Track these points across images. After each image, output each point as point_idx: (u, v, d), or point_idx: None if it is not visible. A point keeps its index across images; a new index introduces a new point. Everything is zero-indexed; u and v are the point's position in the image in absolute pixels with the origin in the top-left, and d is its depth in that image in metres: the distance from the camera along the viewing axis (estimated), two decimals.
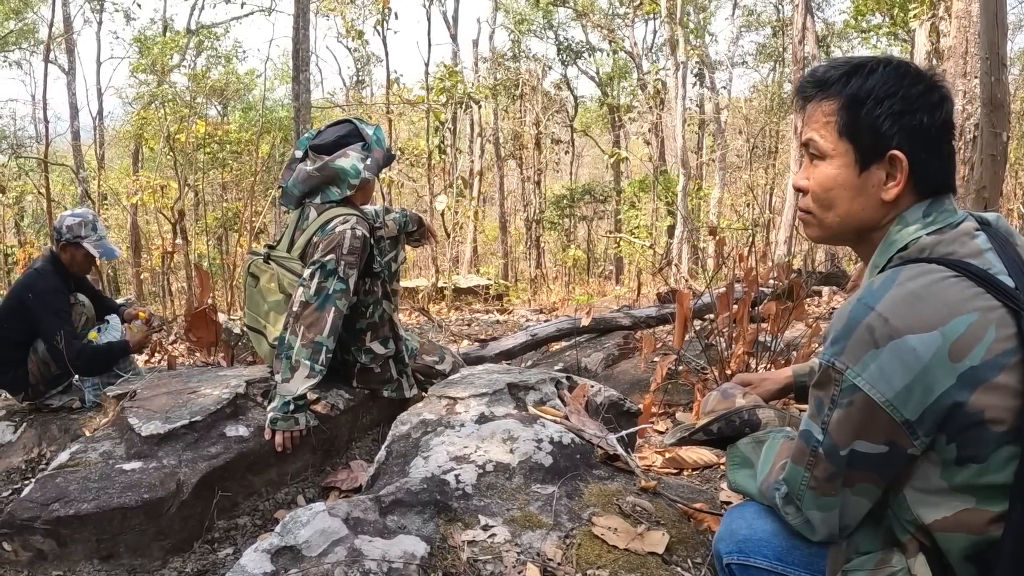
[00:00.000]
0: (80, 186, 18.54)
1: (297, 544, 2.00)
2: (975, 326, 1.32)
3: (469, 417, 2.79)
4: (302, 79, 10.77)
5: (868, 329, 1.35)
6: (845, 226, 1.55)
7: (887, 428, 1.37)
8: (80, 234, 4.27)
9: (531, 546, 2.16)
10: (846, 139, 1.49)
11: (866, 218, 1.52)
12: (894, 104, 1.44)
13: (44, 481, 2.77)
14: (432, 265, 18.45)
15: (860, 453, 1.41)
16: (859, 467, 1.43)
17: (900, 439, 1.37)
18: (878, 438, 1.39)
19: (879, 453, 1.40)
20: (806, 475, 1.49)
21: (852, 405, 1.39)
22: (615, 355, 6.07)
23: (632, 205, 25.61)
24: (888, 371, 1.33)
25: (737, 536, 1.70)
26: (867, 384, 1.36)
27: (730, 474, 1.79)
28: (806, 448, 1.49)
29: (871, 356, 1.35)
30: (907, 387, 1.33)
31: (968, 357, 1.31)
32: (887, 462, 1.41)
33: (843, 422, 1.41)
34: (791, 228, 16.12)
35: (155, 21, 27.35)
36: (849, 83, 1.48)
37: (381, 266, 3.51)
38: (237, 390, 3.27)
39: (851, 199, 1.51)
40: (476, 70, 26.39)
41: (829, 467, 1.45)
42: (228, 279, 13.12)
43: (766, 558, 1.64)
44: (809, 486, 1.50)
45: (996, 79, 5.44)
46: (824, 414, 1.44)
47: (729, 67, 31.57)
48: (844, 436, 1.42)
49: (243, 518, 2.96)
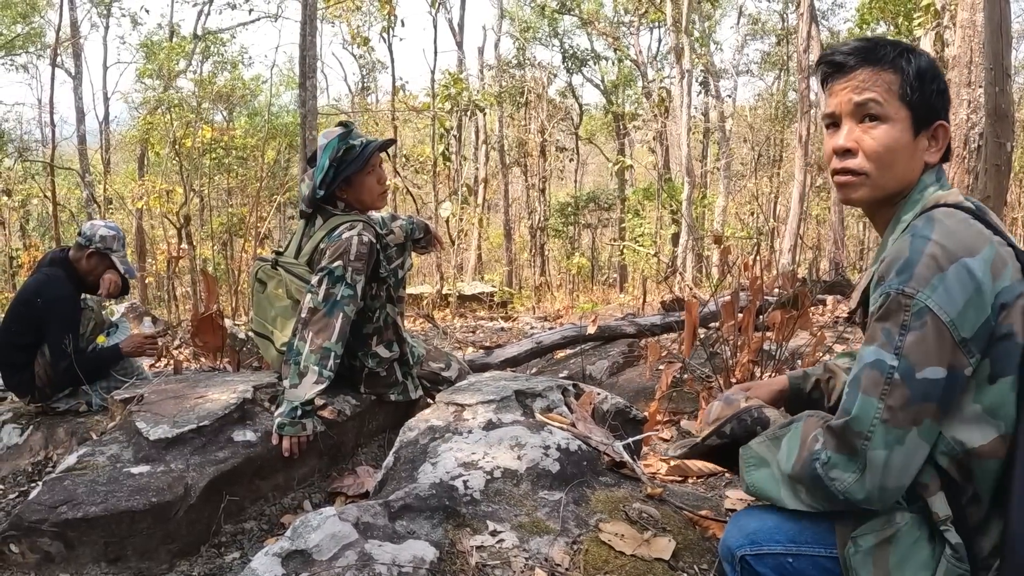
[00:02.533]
0: (86, 190, 18.58)
1: (308, 548, 2.01)
2: (1000, 254, 1.51)
3: (477, 424, 2.80)
4: (308, 85, 10.80)
5: (931, 256, 1.48)
6: (898, 185, 1.68)
7: (950, 349, 1.47)
8: (112, 247, 4.32)
9: (539, 551, 2.17)
10: (906, 106, 1.64)
11: (911, 179, 1.68)
12: (940, 84, 1.67)
13: (52, 484, 2.77)
14: (437, 272, 18.48)
15: (932, 380, 1.47)
16: (930, 398, 1.48)
17: (959, 360, 1.47)
18: (942, 361, 1.47)
19: (941, 379, 1.47)
20: (879, 406, 1.50)
21: (925, 327, 1.47)
22: (620, 363, 6.07)
23: (636, 213, 25.65)
24: (952, 292, 1.46)
25: (747, 529, 1.74)
26: (936, 305, 1.46)
27: (746, 477, 1.76)
28: (880, 376, 1.51)
29: (938, 279, 1.47)
30: (966, 305, 1.46)
31: (1001, 278, 1.49)
32: (948, 389, 1.48)
33: (919, 343, 1.48)
34: (796, 237, 16.12)
35: (162, 26, 27.53)
36: (908, 60, 1.66)
37: (387, 271, 3.52)
38: (245, 395, 3.27)
39: (907, 160, 1.67)
40: (481, 77, 26.48)
41: (905, 392, 1.48)
42: (233, 284, 13.15)
43: (779, 542, 1.68)
44: (882, 419, 1.49)
45: (1000, 89, 5.46)
46: (896, 340, 1.50)
47: (734, 75, 31.68)
48: (919, 357, 1.48)
49: (250, 523, 2.96)
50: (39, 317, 4.09)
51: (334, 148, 3.38)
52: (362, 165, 3.42)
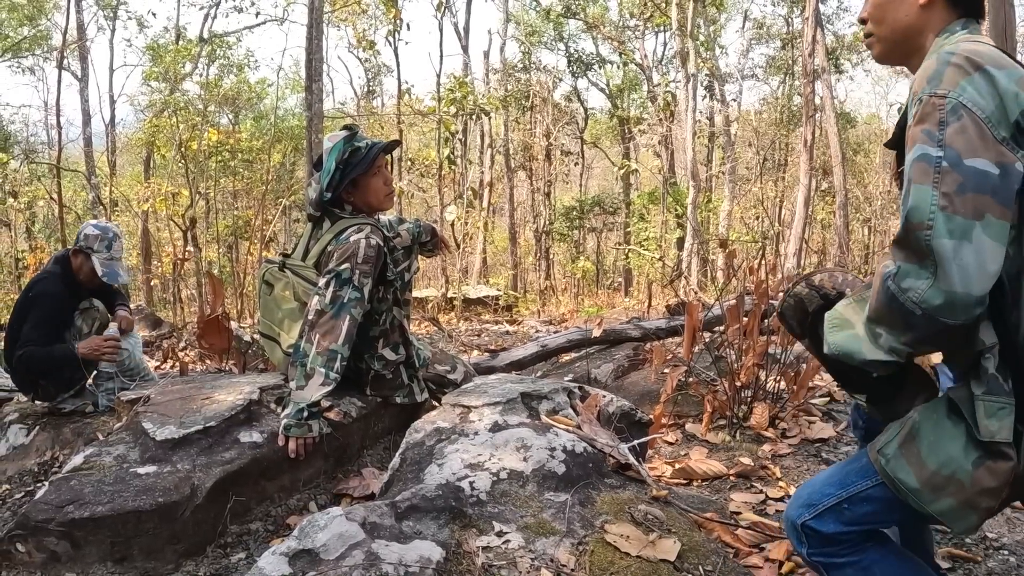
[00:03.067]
0: (91, 192, 18.62)
1: (315, 547, 2.02)
2: None
3: (483, 425, 2.81)
4: (314, 89, 10.82)
5: (957, 65, 1.55)
6: (896, 35, 1.81)
7: (993, 146, 1.49)
8: (92, 247, 4.26)
9: (544, 552, 2.18)
10: None
11: (911, 25, 1.77)
12: None
13: (58, 483, 2.78)
14: (442, 275, 18.49)
15: (979, 171, 1.48)
16: (982, 190, 1.48)
17: (1005, 155, 1.49)
18: (990, 155, 1.49)
19: (995, 174, 1.48)
20: (934, 194, 1.49)
21: (962, 119, 1.51)
22: (625, 366, 6.07)
23: (642, 217, 25.63)
24: (981, 92, 1.52)
25: (800, 498, 1.80)
26: (969, 101, 1.51)
27: (828, 338, 1.70)
28: (928, 167, 1.52)
29: (967, 81, 1.53)
30: (997, 107, 1.51)
31: None
32: (1003, 186, 1.49)
33: (958, 133, 1.50)
34: (800, 241, 16.12)
35: (168, 29, 27.56)
36: None
37: (394, 274, 3.53)
38: (251, 396, 3.28)
39: (896, 9, 1.78)
40: (487, 81, 26.44)
41: (957, 177, 1.48)
42: (238, 287, 13.16)
43: (830, 495, 1.74)
44: (940, 206, 1.48)
45: None
46: (936, 136, 1.52)
47: (739, 79, 31.65)
48: (962, 146, 1.50)
49: (256, 523, 2.97)
50: (26, 309, 4.12)
51: (340, 150, 3.39)
52: (368, 166, 3.43)
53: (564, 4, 27.09)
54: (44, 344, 4.08)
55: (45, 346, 4.08)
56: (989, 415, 1.51)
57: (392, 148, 3.65)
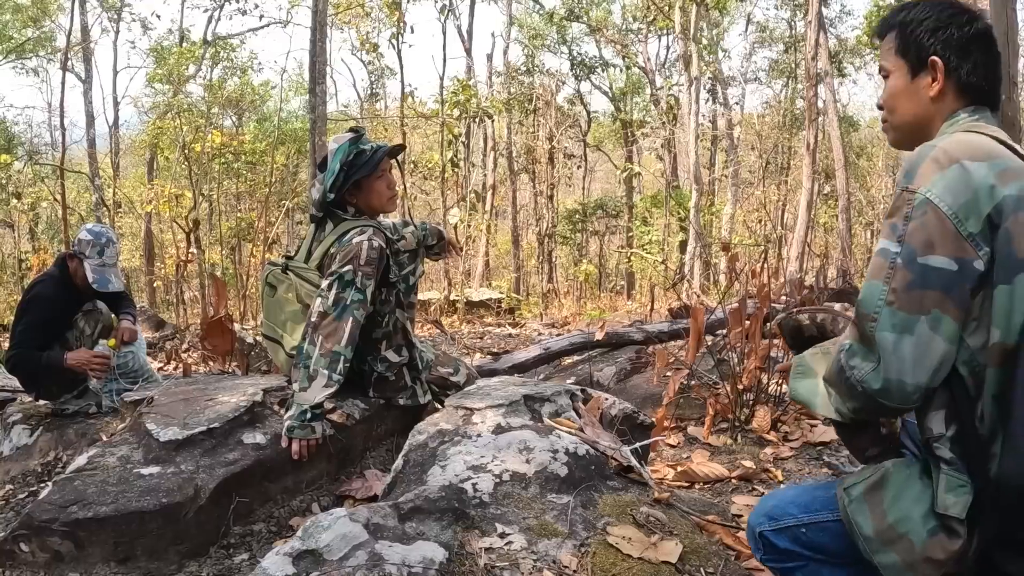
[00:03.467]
0: (95, 194, 18.65)
1: (318, 548, 2.02)
2: (1013, 167, 1.57)
3: (486, 428, 2.81)
4: (318, 91, 10.85)
5: (934, 159, 1.57)
6: (907, 124, 1.82)
7: (955, 241, 1.52)
8: (84, 251, 4.21)
9: (547, 554, 2.18)
10: (900, 56, 1.80)
11: (920, 115, 1.79)
12: (929, 23, 1.76)
13: (62, 484, 2.79)
14: (444, 278, 18.49)
15: (933, 268, 1.52)
16: (932, 285, 1.52)
17: (966, 252, 1.52)
18: (948, 251, 1.52)
19: (951, 270, 1.52)
20: (884, 288, 1.56)
21: (925, 215, 1.54)
22: (627, 369, 6.08)
23: (644, 221, 25.66)
24: (952, 187, 1.53)
25: (765, 507, 1.85)
26: (936, 197, 1.53)
27: (792, 382, 1.85)
28: (884, 262, 1.58)
29: (939, 176, 1.55)
30: (968, 202, 1.52)
31: (1010, 185, 1.54)
32: (957, 283, 1.52)
33: (918, 230, 1.54)
34: (803, 244, 16.12)
35: (172, 32, 27.57)
36: (904, 14, 1.81)
37: (397, 276, 3.53)
38: (254, 398, 3.29)
39: (907, 100, 1.80)
40: (490, 84, 26.48)
41: (907, 275, 1.54)
42: (241, 289, 13.18)
43: (793, 515, 1.79)
44: (887, 301, 1.55)
45: (1007, 98, 5.45)
46: (899, 230, 1.57)
47: (742, 83, 31.66)
48: (920, 242, 1.53)
49: (259, 524, 2.98)
50: (22, 311, 4.14)
51: (345, 152, 3.40)
52: (372, 169, 3.44)
53: (567, 7, 27.11)
54: (35, 346, 4.08)
55: (36, 349, 4.07)
56: (949, 489, 1.54)
57: (397, 152, 3.66)
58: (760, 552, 1.87)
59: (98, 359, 4.07)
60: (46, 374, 4.14)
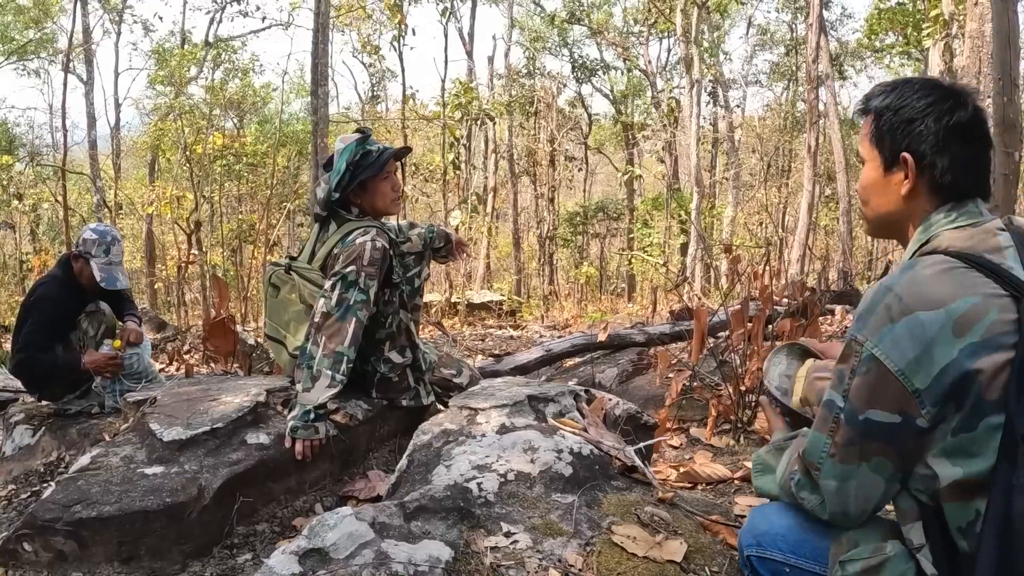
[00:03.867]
0: (96, 195, 18.65)
1: (325, 547, 2.02)
2: (977, 307, 1.45)
3: (490, 428, 2.81)
4: (320, 93, 10.85)
5: (886, 307, 1.51)
6: (878, 219, 1.76)
7: (899, 397, 1.48)
8: (90, 251, 4.20)
9: (552, 553, 2.18)
10: (874, 146, 1.70)
11: (891, 212, 1.71)
12: (905, 113, 1.64)
13: (66, 483, 2.79)
14: (446, 280, 18.50)
15: (875, 422, 1.52)
16: (875, 437, 1.53)
17: (910, 409, 1.48)
18: (892, 407, 1.49)
19: (893, 423, 1.50)
20: (827, 441, 1.59)
21: (869, 373, 1.51)
22: (629, 371, 6.07)
23: (645, 223, 25.66)
24: (901, 343, 1.47)
25: (757, 531, 1.82)
26: (883, 354, 1.49)
27: (754, 480, 1.88)
28: (828, 415, 1.59)
29: (887, 330, 1.49)
30: (917, 358, 1.46)
31: (969, 333, 1.44)
32: (900, 433, 1.50)
33: (862, 388, 1.53)
34: (804, 247, 16.12)
35: (174, 33, 27.60)
36: (879, 99, 1.70)
37: (400, 277, 3.53)
38: (258, 398, 3.29)
39: (879, 195, 1.72)
40: (491, 87, 26.50)
41: (848, 432, 1.55)
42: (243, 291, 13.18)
43: (780, 551, 1.75)
44: (829, 453, 1.59)
45: (1008, 99, 5.45)
46: (845, 383, 1.56)
47: (743, 86, 31.71)
48: (863, 400, 1.53)
49: (262, 525, 2.97)
50: (27, 312, 4.14)
51: (352, 152, 3.41)
52: (378, 170, 3.44)
53: (568, 10, 27.13)
54: (41, 348, 4.08)
55: (42, 350, 4.08)
56: None
57: (403, 155, 3.67)
58: (747, 569, 1.86)
59: (114, 362, 4.12)
60: (56, 375, 4.16)
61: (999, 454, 1.43)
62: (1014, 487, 1.40)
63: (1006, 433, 1.42)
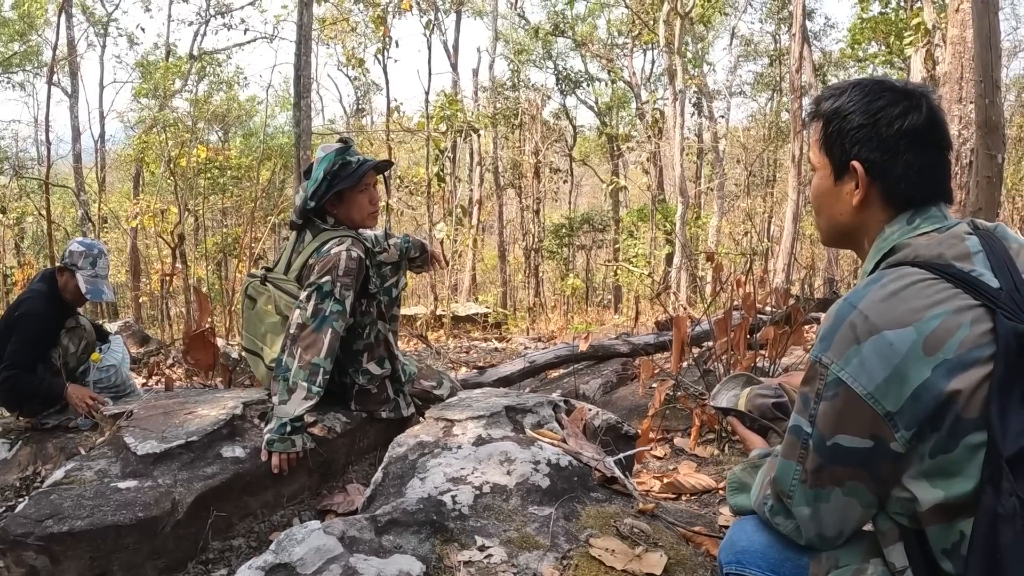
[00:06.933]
0: (80, 208, 18.56)
1: (292, 562, 1.99)
2: (948, 321, 1.38)
3: (466, 439, 2.79)
4: (303, 106, 10.83)
5: (851, 326, 1.43)
6: (832, 229, 1.69)
7: (870, 421, 1.42)
8: (77, 264, 4.20)
9: (528, 567, 2.15)
10: (824, 153, 1.63)
11: (845, 223, 1.64)
12: (854, 118, 1.57)
13: (38, 498, 2.75)
14: (431, 293, 18.46)
15: (845, 447, 1.45)
16: (845, 463, 1.46)
17: (883, 432, 1.41)
18: (863, 431, 1.43)
19: (864, 448, 1.44)
20: (797, 468, 1.53)
21: (837, 397, 1.45)
22: (613, 382, 6.07)
23: (631, 234, 25.70)
24: (869, 365, 1.40)
25: (736, 547, 1.75)
26: (850, 377, 1.42)
27: (730, 499, 1.84)
28: (796, 441, 1.53)
29: (853, 351, 1.42)
30: (887, 379, 1.39)
31: (942, 350, 1.37)
32: (872, 458, 1.44)
33: (828, 414, 1.47)
34: (789, 256, 16.15)
35: (158, 46, 27.55)
36: (829, 102, 1.63)
37: (377, 288, 3.51)
38: (234, 411, 3.26)
39: (831, 205, 1.65)
40: (476, 99, 26.53)
41: (817, 458, 1.49)
42: (227, 304, 13.11)
43: (760, 569, 1.69)
44: (800, 480, 1.53)
45: (990, 101, 5.46)
46: (811, 408, 1.50)
47: (727, 96, 31.77)
48: (830, 426, 1.46)
49: (238, 539, 2.94)
50: (11, 328, 4.09)
51: (331, 161, 3.38)
52: (355, 182, 3.41)
53: (553, 23, 27.23)
54: (28, 366, 4.06)
55: (29, 368, 4.06)
56: None
57: (384, 168, 3.64)
58: None
59: (95, 401, 4.06)
60: (34, 397, 4.13)
61: (982, 477, 1.36)
62: (999, 516, 1.32)
63: (989, 455, 1.35)
